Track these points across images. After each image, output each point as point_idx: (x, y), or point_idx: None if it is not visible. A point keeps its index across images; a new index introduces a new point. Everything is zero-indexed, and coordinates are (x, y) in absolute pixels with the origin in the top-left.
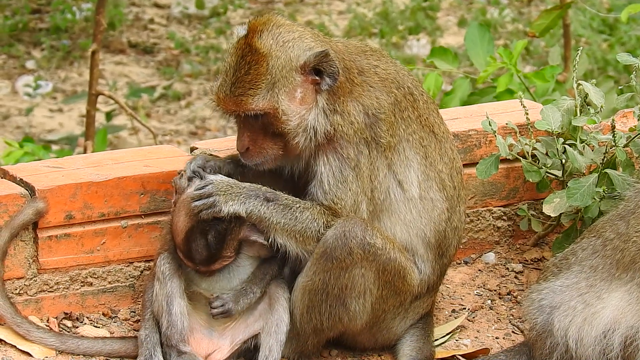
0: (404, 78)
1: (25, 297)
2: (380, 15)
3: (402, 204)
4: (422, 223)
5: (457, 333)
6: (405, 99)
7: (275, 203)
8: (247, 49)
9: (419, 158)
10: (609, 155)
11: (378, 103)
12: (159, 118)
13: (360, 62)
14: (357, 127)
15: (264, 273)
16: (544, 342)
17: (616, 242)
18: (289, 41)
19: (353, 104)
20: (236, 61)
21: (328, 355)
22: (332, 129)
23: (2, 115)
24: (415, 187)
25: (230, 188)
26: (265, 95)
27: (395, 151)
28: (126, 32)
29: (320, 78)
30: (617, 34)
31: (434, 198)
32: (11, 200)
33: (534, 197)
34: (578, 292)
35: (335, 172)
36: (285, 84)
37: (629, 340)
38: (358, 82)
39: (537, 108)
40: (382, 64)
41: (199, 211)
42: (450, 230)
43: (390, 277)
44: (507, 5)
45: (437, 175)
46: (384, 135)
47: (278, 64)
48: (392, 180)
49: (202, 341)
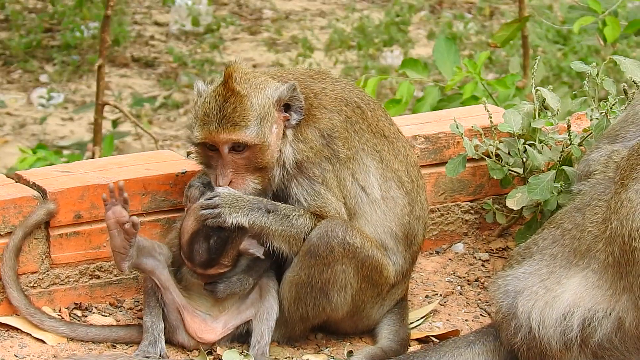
0: (350, 94)
1: (39, 289)
2: (357, 30)
3: (367, 207)
4: (387, 220)
5: (430, 317)
6: (354, 113)
7: (274, 213)
8: (229, 93)
9: (376, 163)
10: (565, 153)
11: (331, 123)
12: (160, 125)
13: (312, 87)
14: (317, 149)
15: (257, 267)
16: (509, 324)
17: (573, 232)
18: (260, 83)
19: (310, 130)
20: (218, 105)
21: (314, 339)
22: (299, 157)
23: (18, 124)
24: (377, 190)
25: (235, 201)
26: (255, 127)
27: (355, 161)
28: (129, 48)
29: (289, 114)
30: (570, 43)
31: (395, 196)
32: (25, 202)
33: (498, 192)
34: (540, 278)
35: (307, 190)
36: (269, 119)
37: (587, 322)
38: (315, 105)
39: (500, 112)
40: (328, 85)
41: (205, 219)
42: (414, 220)
43: (368, 272)
44: (471, 19)
45: (394, 174)
46: (341, 150)
47: (259, 102)
48: (357, 187)
49: (197, 319)
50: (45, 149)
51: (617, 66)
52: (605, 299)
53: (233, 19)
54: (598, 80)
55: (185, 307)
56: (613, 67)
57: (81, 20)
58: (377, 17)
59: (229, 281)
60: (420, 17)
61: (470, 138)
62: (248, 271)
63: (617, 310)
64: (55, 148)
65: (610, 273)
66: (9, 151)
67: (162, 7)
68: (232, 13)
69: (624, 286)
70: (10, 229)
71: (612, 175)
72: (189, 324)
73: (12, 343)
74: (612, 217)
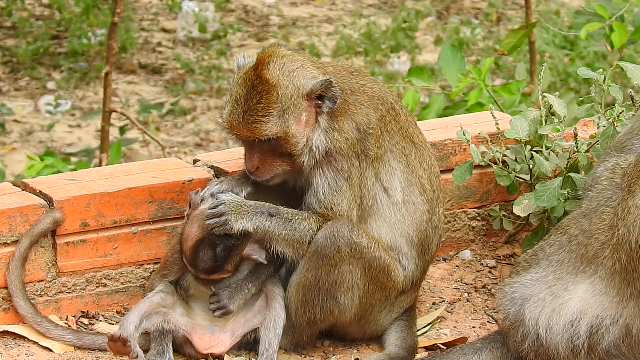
0: (387, 95)
1: (45, 297)
2: (364, 36)
3: (387, 208)
4: (405, 224)
5: (437, 323)
6: (388, 114)
7: (277, 217)
8: (257, 80)
9: (402, 166)
10: (572, 160)
11: (367, 119)
12: (167, 131)
13: (350, 82)
14: (351, 142)
15: (259, 272)
16: (516, 330)
17: (580, 238)
18: (294, 70)
19: (347, 122)
20: (246, 91)
21: (321, 346)
22: (331, 146)
23: (26, 131)
24: (399, 193)
25: (239, 207)
26: (277, 121)
27: (382, 161)
28: (136, 55)
29: (322, 102)
30: (577, 49)
31: (416, 201)
32: (31, 211)
33: (505, 199)
34: (547, 284)
35: (330, 182)
36: (294, 110)
37: (594, 329)
38: (351, 101)
39: (506, 119)
40: (367, 82)
41: (212, 228)
42: (431, 229)
43: (375, 274)
44: (478, 25)
45: (418, 180)
46: (372, 148)
47: (287, 93)
48: (379, 187)
49: (204, 336)
50: (53, 156)
51: (623, 72)
52: (612, 306)
53: (240, 25)
54: (605, 87)
55: (192, 330)
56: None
57: (88, 27)
58: (384, 23)
59: (231, 289)
60: (427, 23)
61: (477, 145)
62: (250, 277)
63: (624, 317)
64: (63, 155)
65: (617, 280)
66: (16, 158)
67: (169, 13)
68: (239, 19)
69: (631, 293)
70: (17, 237)
71: (619, 182)
72: (197, 344)
73: (19, 351)
74: (619, 224)
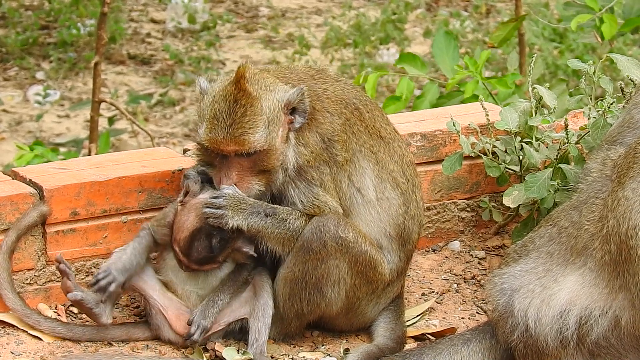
0: (349, 95)
1: (35, 286)
2: (354, 28)
3: (362, 208)
4: (382, 221)
5: (427, 314)
6: (353, 115)
7: (273, 217)
8: (240, 93)
9: (372, 164)
10: (562, 151)
11: (332, 127)
12: (156, 122)
13: (314, 88)
14: (317, 153)
15: (233, 280)
16: (505, 322)
17: (570, 230)
18: (270, 85)
19: (312, 135)
20: (228, 106)
21: (310, 336)
22: (300, 162)
23: (15, 121)
24: (372, 191)
25: (239, 203)
26: (264, 133)
27: (351, 163)
28: (126, 45)
29: (294, 117)
30: (566, 41)
31: (390, 197)
32: (21, 199)
33: (495, 190)
34: (536, 276)
35: (305, 192)
36: (277, 123)
37: (583, 320)
38: (318, 109)
39: (497, 110)
40: (329, 86)
41: (207, 217)
42: (409, 220)
43: (362, 268)
44: (468, 17)
45: (389, 175)
46: (339, 153)
47: (270, 105)
48: (353, 188)
49: (183, 317)
50: (42, 146)
51: (613, 64)
52: (601, 297)
53: (229, 16)
54: (595, 78)
55: (168, 307)
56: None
57: (77, 18)
58: (373, 14)
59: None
60: (417, 15)
61: (467, 136)
62: (222, 287)
63: (613, 309)
64: (52, 145)
65: (606, 271)
66: (5, 148)
67: (159, 4)
68: (228, 11)
69: (620, 284)
70: (7, 226)
71: (609, 174)
72: (175, 324)
73: (8, 340)
74: (609, 215)
